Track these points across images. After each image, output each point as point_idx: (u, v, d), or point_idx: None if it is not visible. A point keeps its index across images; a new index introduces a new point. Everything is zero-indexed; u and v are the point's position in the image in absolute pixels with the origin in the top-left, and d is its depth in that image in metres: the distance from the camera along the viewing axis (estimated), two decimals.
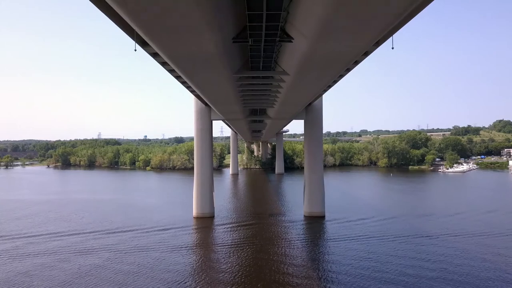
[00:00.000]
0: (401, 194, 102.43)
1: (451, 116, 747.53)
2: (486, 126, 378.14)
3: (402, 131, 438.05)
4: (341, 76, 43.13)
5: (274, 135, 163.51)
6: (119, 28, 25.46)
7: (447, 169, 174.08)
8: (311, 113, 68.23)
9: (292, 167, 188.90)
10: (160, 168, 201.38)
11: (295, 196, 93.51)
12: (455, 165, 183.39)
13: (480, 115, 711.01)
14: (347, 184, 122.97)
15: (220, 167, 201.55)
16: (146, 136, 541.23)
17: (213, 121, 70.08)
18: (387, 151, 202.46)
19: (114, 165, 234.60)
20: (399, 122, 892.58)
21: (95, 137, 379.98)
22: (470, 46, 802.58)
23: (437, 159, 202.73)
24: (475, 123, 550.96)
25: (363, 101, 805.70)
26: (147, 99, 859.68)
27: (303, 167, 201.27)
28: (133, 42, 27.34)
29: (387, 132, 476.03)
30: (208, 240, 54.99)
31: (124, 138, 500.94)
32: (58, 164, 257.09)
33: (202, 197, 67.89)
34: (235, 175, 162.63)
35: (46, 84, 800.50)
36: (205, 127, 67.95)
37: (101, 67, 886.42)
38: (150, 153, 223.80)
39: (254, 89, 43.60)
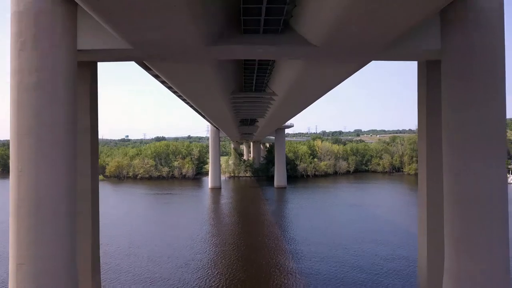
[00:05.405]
0: None
1: None
2: None
3: (398, 131, 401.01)
4: None
5: (273, 132, 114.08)
6: None
7: None
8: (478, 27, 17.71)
9: (294, 175, 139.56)
10: (118, 177, 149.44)
11: (337, 257, 44.42)
12: None
13: None
14: (407, 214, 74.45)
15: (198, 175, 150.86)
16: (127, 136, 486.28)
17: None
18: (416, 154, 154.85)
19: None
20: (397, 122, 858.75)
21: None
22: None
23: None
24: None
25: (356, 101, 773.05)
26: (134, 97, 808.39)
27: (308, 176, 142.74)
28: None
29: (383, 131, 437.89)
30: None
31: (103, 138, 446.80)
32: None
33: None
34: (216, 190, 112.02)
35: None
36: (58, 74, 16.41)
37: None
38: (108, 156, 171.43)
39: None
